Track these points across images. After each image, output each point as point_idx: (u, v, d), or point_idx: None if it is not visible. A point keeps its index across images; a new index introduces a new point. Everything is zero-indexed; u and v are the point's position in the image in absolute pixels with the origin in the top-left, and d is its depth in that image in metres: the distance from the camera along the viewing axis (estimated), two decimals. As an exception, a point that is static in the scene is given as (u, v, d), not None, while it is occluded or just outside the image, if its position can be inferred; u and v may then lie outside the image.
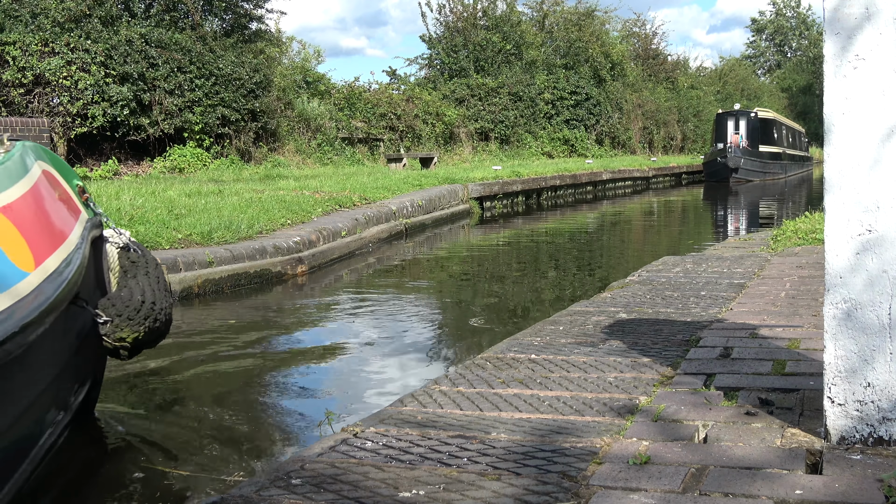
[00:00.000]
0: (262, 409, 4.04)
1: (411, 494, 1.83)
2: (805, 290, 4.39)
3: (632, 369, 2.84)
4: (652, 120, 38.45)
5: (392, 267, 9.18)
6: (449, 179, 16.10)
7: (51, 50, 14.91)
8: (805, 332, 3.30)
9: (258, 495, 1.86)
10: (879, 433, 1.97)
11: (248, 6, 19.71)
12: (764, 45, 74.67)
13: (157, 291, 3.42)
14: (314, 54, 30.05)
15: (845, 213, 1.96)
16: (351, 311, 6.46)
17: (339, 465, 2.03)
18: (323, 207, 10.59)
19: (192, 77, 16.64)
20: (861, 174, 1.95)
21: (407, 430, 2.28)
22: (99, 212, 3.72)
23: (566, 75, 32.22)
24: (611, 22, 38.49)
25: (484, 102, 28.04)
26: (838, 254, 1.98)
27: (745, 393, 2.49)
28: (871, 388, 1.97)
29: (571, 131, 31.42)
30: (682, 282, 4.90)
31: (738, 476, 1.86)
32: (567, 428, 2.24)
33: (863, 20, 1.92)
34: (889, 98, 1.92)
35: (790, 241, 6.86)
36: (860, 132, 1.94)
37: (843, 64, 1.95)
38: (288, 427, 3.78)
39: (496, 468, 1.96)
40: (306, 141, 20.89)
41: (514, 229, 13.89)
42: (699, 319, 3.70)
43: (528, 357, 3.09)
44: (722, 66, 54.62)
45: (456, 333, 5.87)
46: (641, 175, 27.73)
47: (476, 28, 30.01)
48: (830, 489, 1.77)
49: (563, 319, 3.86)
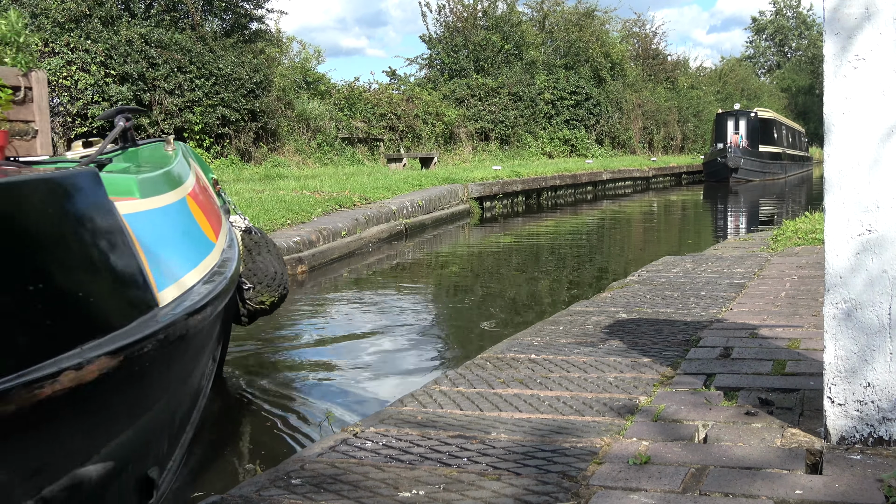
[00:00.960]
0: (259, 408, 4.04)
1: (411, 494, 1.83)
2: (805, 290, 4.39)
3: (632, 369, 2.84)
4: (652, 120, 38.45)
5: (392, 267, 9.18)
6: (449, 179, 16.09)
7: (51, 50, 14.91)
8: (805, 332, 3.30)
9: (258, 495, 1.86)
10: (879, 433, 1.97)
11: (248, 6, 19.72)
12: (764, 45, 74.66)
13: (280, 266, 4.18)
14: (314, 54, 30.06)
15: (845, 213, 1.96)
16: (350, 311, 6.46)
17: (339, 465, 2.03)
18: (323, 207, 10.59)
19: (192, 77, 16.64)
20: (861, 174, 1.95)
21: (407, 430, 2.28)
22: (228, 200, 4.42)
23: (566, 75, 32.22)
24: (611, 22, 38.51)
25: (484, 102, 28.04)
26: (838, 254, 1.97)
27: (745, 393, 2.49)
28: (871, 388, 1.97)
29: (571, 131, 31.42)
30: (682, 282, 4.90)
31: (738, 476, 1.86)
32: (567, 428, 2.24)
33: (863, 20, 1.92)
34: (889, 98, 1.92)
35: (790, 241, 6.86)
36: (860, 132, 1.94)
37: (843, 64, 1.95)
38: (288, 426, 3.78)
39: (496, 468, 1.96)
40: (306, 141, 20.89)
41: (514, 229, 13.88)
42: (699, 319, 3.70)
43: (528, 357, 3.09)
44: (722, 66, 54.60)
45: (456, 333, 5.87)
46: (641, 175, 27.72)
47: (476, 28, 30.01)
48: (830, 489, 1.77)
49: (563, 319, 3.86)
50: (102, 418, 2.11)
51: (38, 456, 1.86)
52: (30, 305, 1.84)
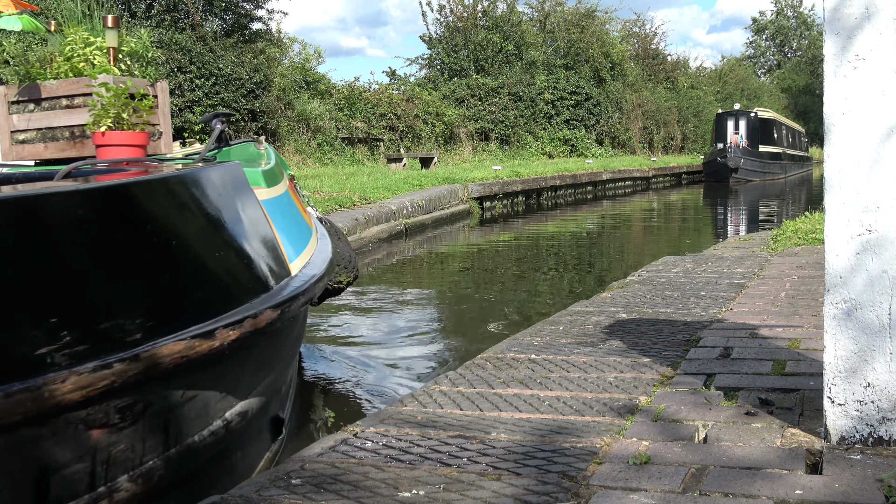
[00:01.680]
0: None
1: (411, 494, 1.83)
2: (805, 290, 4.39)
3: (632, 369, 2.84)
4: (652, 120, 38.45)
5: (392, 266, 9.17)
6: (449, 179, 16.09)
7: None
8: (805, 332, 3.30)
9: (258, 495, 1.86)
10: (879, 433, 1.97)
11: (248, 6, 19.72)
12: (764, 44, 74.65)
13: (351, 251, 4.70)
14: (314, 54, 30.03)
15: (845, 213, 1.96)
16: (349, 310, 6.46)
17: (339, 465, 2.03)
18: (323, 207, 10.59)
19: (192, 77, 16.64)
20: (861, 174, 1.95)
21: (407, 430, 2.28)
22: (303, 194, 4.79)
23: (566, 75, 32.22)
24: (611, 22, 38.51)
25: (484, 102, 28.03)
26: (838, 254, 1.97)
27: (745, 393, 2.49)
28: (871, 388, 1.97)
29: (571, 131, 31.42)
30: (682, 282, 4.90)
31: (738, 476, 1.86)
32: (567, 428, 2.24)
33: (863, 20, 1.92)
34: (889, 98, 1.92)
35: (790, 241, 6.86)
36: (860, 132, 1.94)
37: (843, 64, 1.95)
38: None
39: (496, 468, 1.96)
40: (306, 141, 20.89)
41: (514, 229, 13.88)
42: (699, 319, 3.70)
43: (528, 357, 3.09)
44: (722, 65, 54.60)
45: (455, 333, 5.86)
46: (641, 175, 27.72)
47: (476, 28, 30.00)
48: (830, 489, 1.77)
49: (563, 319, 3.86)
50: (260, 361, 2.62)
51: (227, 383, 2.38)
52: (220, 266, 2.45)
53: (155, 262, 2.15)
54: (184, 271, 2.26)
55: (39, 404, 1.69)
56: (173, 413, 2.14)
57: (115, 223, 2.07)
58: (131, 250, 2.09)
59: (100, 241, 2.00)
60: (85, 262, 1.95)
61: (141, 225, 2.16)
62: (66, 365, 1.75)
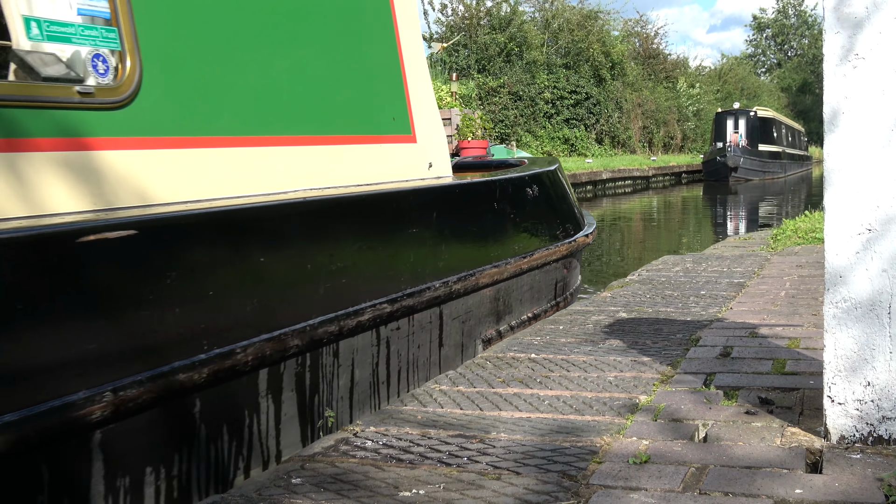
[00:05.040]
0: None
1: (411, 494, 1.83)
2: (805, 289, 4.39)
3: (632, 368, 2.84)
4: (652, 119, 38.45)
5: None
6: (449, 179, 16.07)
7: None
8: (805, 332, 3.30)
9: (258, 495, 1.86)
10: (879, 432, 1.97)
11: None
12: (765, 43, 74.64)
13: None
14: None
15: (845, 211, 1.96)
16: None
17: (339, 464, 2.03)
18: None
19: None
20: (861, 173, 1.95)
21: (407, 429, 2.28)
22: None
23: (566, 75, 32.21)
24: (612, 22, 38.50)
25: (484, 102, 28.03)
26: (838, 252, 1.97)
27: (745, 392, 2.49)
28: (870, 387, 1.97)
29: (571, 130, 31.43)
30: (682, 281, 4.90)
31: (737, 475, 1.86)
32: (567, 427, 2.24)
33: (863, 19, 1.92)
34: (889, 97, 1.92)
35: (790, 241, 6.86)
36: (860, 131, 1.94)
37: (843, 63, 1.95)
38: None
39: (496, 467, 1.96)
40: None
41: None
42: (699, 318, 3.70)
43: (528, 356, 3.09)
44: (722, 64, 54.60)
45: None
46: (641, 174, 27.73)
47: (480, 27, 30.00)
48: (830, 488, 1.77)
49: (563, 319, 3.86)
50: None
51: (574, 267, 5.04)
52: (572, 213, 4.99)
53: (553, 210, 4.63)
54: (564, 215, 4.77)
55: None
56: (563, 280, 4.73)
57: (543, 192, 4.46)
58: (547, 207, 4.55)
59: (536, 201, 4.33)
60: (535, 209, 4.34)
61: (548, 192, 4.54)
62: (551, 243, 4.44)
